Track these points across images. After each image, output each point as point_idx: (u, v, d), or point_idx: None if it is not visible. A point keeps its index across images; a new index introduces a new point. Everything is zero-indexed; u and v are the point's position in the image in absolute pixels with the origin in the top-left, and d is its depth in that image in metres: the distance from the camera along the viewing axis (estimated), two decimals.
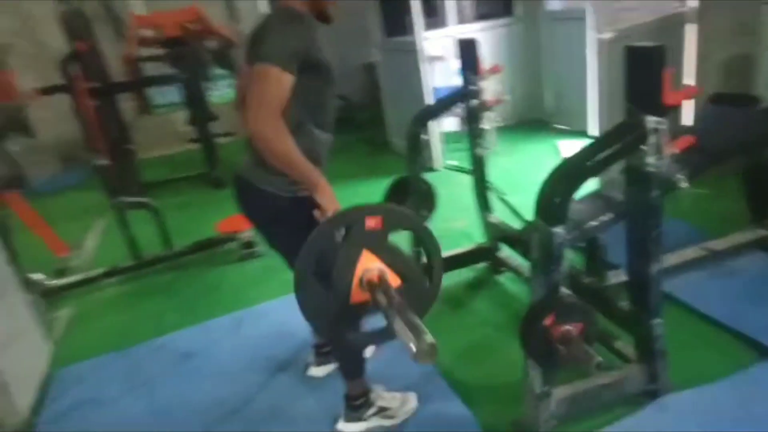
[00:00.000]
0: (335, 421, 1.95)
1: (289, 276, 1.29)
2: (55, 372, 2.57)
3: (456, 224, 3.44)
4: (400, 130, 4.56)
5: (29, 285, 3.14)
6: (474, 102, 2.55)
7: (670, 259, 2.45)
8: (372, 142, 5.69)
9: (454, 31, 5.08)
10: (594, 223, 2.00)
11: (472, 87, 2.51)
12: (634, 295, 1.79)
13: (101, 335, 2.89)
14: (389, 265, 1.21)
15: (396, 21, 4.63)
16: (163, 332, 2.79)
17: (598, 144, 1.63)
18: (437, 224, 3.33)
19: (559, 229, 1.56)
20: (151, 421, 2.18)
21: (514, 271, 2.69)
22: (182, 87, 4.78)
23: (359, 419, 1.93)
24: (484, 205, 2.77)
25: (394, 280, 1.21)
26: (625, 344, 1.94)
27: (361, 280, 1.21)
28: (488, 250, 2.78)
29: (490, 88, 2.60)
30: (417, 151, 2.56)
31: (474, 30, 5.21)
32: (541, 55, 5.14)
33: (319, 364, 2.25)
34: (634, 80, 1.58)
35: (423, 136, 2.56)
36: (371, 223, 1.17)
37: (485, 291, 2.72)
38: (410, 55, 4.32)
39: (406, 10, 4.18)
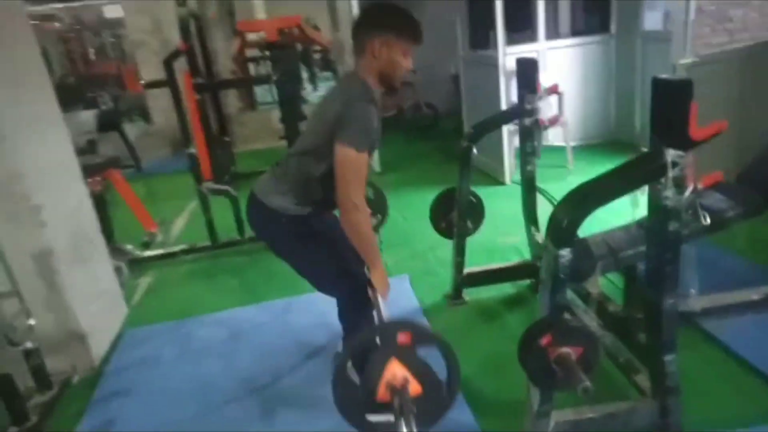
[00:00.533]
0: None
1: None
2: (126, 331, 2.94)
3: (508, 239, 3.44)
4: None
5: (119, 253, 3.59)
6: (528, 120, 2.57)
7: (721, 299, 2.32)
8: (449, 152, 5.75)
9: (544, 45, 5.02)
10: (629, 251, 1.98)
11: (527, 105, 2.53)
12: (649, 328, 1.75)
13: (170, 304, 3.24)
14: (413, 373, 1.37)
15: (481, 34, 4.68)
16: (222, 308, 3.08)
17: (618, 171, 1.62)
18: (489, 237, 3.38)
19: (564, 252, 1.57)
20: (194, 384, 2.44)
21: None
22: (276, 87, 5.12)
23: None
24: (531, 223, 2.77)
25: (415, 388, 1.37)
26: (646, 378, 1.89)
27: (387, 383, 1.38)
28: (532, 267, 2.77)
29: (546, 107, 2.60)
30: (467, 164, 2.62)
31: (566, 45, 5.12)
32: (636, 75, 4.93)
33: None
34: (659, 112, 1.56)
35: (474, 151, 2.61)
36: (402, 338, 1.35)
37: (522, 307, 2.72)
38: (490, 69, 4.35)
39: (490, 24, 4.22)
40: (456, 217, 2.72)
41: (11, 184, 2.33)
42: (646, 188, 1.65)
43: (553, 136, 4.89)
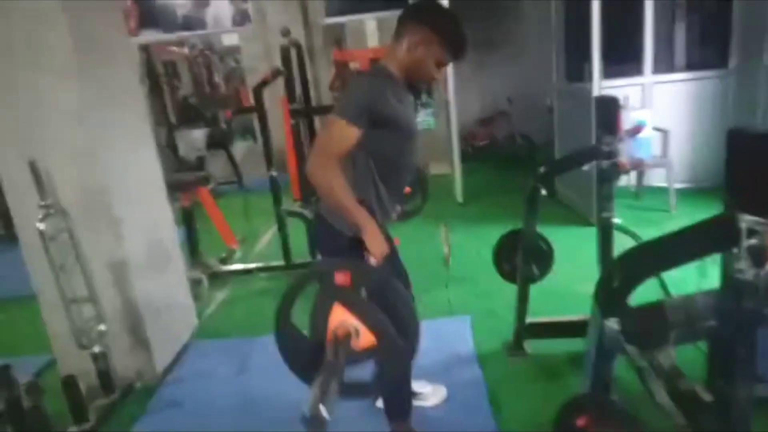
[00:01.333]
0: None
1: None
2: (193, 343, 3.07)
3: (588, 287, 3.15)
4: (566, 179, 4.33)
5: (201, 266, 3.80)
6: (605, 163, 2.35)
7: None
8: None
9: (651, 79, 4.65)
10: (713, 321, 1.73)
11: (604, 147, 2.33)
12: (719, 416, 1.49)
13: (240, 320, 3.36)
14: (364, 322, 1.20)
15: (577, 65, 4.44)
16: None
17: (683, 234, 1.41)
18: (566, 283, 3.14)
19: (611, 321, 1.39)
20: (243, 403, 2.49)
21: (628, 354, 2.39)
22: None
23: None
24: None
25: (368, 339, 1.20)
26: None
27: (332, 333, 1.23)
28: None
29: (626, 149, 2.38)
30: (534, 206, 2.46)
31: (675, 80, 4.71)
32: (757, 115, 4.40)
33: None
34: (736, 170, 1.34)
35: (542, 192, 2.44)
36: (340, 278, 1.20)
37: None
38: (584, 102, 4.10)
39: (586, 55, 3.99)
40: (520, 260, 2.55)
41: (98, 197, 2.54)
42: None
43: (657, 177, 4.50)
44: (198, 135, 6.35)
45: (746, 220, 1.27)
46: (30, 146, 2.42)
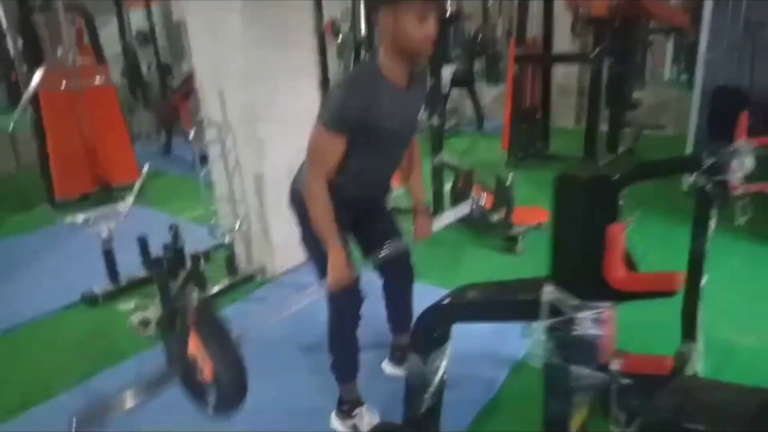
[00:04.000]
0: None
1: None
2: None
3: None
4: None
5: None
6: (708, 180, 1.72)
7: None
8: None
9: None
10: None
11: (708, 159, 1.70)
12: None
13: None
14: (211, 357, 1.25)
15: None
16: None
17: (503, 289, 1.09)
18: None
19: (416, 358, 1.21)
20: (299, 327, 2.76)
21: None
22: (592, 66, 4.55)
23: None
24: (688, 333, 1.93)
25: (209, 372, 1.26)
26: None
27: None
28: None
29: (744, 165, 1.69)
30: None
31: None
32: None
33: (392, 361, 2.35)
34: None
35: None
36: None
37: None
38: None
39: None
40: None
41: (248, 118, 3.08)
42: None
43: None
44: (445, 72, 6.53)
45: (550, 293, 0.94)
46: (217, 72, 3.10)
